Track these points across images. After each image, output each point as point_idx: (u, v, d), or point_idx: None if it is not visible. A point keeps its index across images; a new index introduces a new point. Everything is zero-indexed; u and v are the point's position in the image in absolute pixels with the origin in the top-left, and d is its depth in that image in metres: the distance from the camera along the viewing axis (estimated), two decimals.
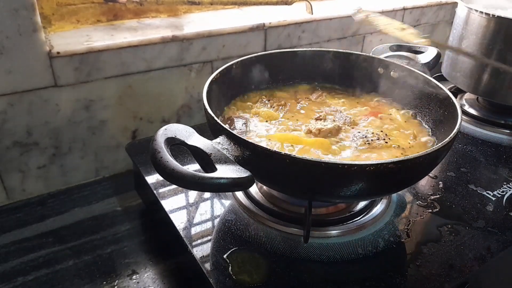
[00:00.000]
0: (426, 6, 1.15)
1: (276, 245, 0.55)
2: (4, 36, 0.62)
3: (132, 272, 0.60)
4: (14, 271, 0.60)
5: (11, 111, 0.67)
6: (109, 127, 0.77)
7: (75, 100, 0.72)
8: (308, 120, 0.66)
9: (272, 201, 0.61)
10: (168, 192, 0.64)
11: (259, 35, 0.88)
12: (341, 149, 0.59)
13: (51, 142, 0.73)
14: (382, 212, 0.61)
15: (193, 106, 0.86)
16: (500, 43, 0.79)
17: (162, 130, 0.47)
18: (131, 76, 0.76)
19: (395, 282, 0.51)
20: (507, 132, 0.84)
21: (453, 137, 0.51)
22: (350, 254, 0.54)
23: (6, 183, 0.71)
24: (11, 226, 0.68)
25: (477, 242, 0.57)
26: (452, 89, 0.95)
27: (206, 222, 0.59)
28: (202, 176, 0.42)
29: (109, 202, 0.74)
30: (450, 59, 0.91)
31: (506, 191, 0.68)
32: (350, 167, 0.44)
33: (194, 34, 0.79)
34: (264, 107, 0.68)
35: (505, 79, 0.81)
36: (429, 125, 0.66)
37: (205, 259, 0.53)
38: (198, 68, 0.83)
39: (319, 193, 0.50)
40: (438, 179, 0.70)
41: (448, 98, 0.61)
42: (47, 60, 0.66)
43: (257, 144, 0.46)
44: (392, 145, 0.61)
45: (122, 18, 0.82)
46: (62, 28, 0.76)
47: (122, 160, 0.81)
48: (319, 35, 0.97)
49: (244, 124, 0.63)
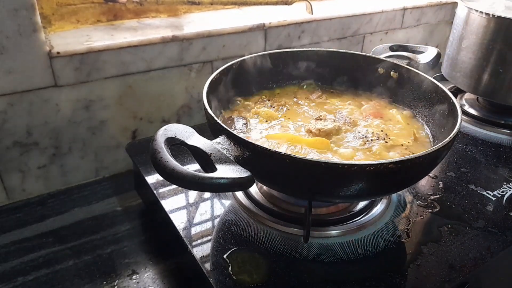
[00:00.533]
0: (426, 6, 1.15)
1: (276, 245, 0.55)
2: (4, 36, 0.62)
3: (132, 272, 0.60)
4: (14, 271, 0.60)
5: (11, 111, 0.67)
6: (109, 127, 0.77)
7: (75, 100, 0.72)
8: (308, 120, 0.66)
9: (272, 201, 0.61)
10: (168, 192, 0.64)
11: (259, 35, 0.88)
12: (341, 149, 0.59)
13: (51, 142, 0.73)
14: (382, 212, 0.61)
15: (193, 106, 0.86)
16: (500, 43, 0.79)
17: (162, 130, 0.47)
18: (131, 76, 0.76)
19: (395, 282, 0.51)
20: (507, 132, 0.84)
21: (453, 137, 0.51)
22: (350, 254, 0.54)
23: (6, 183, 0.71)
24: (11, 226, 0.68)
25: (477, 242, 0.57)
26: (452, 89, 0.95)
27: (206, 222, 0.59)
28: (202, 176, 0.42)
29: (109, 202, 0.74)
30: (450, 59, 0.91)
31: (506, 191, 0.68)
32: (350, 167, 0.44)
33: (194, 34, 0.79)
34: (264, 107, 0.68)
35: (505, 79, 0.81)
36: (429, 125, 0.66)
37: (205, 259, 0.53)
38: (198, 68, 0.83)
39: (319, 193, 0.50)
40: (438, 179, 0.70)
41: (448, 98, 0.61)
42: (47, 60, 0.66)
43: (257, 144, 0.46)
44: (392, 145, 0.61)
45: (122, 18, 0.82)
46: (62, 28, 0.76)
47: (122, 160, 0.81)
48: (319, 35, 0.97)
49: (244, 124, 0.63)
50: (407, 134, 0.64)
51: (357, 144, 0.60)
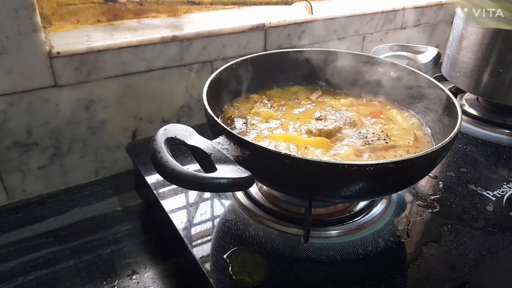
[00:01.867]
0: (426, 6, 1.15)
1: (276, 245, 0.55)
2: (4, 36, 0.62)
3: (132, 272, 0.60)
4: (14, 271, 0.60)
5: (11, 111, 0.67)
6: (109, 127, 0.77)
7: (75, 100, 0.72)
8: (309, 120, 0.66)
9: (272, 201, 0.61)
10: (168, 192, 0.64)
11: (259, 35, 0.88)
12: (342, 149, 0.59)
13: (51, 142, 0.73)
14: (382, 212, 0.61)
15: (193, 106, 0.86)
16: (500, 43, 0.79)
17: (162, 130, 0.47)
18: (131, 76, 0.76)
19: (395, 282, 0.51)
20: (507, 132, 0.84)
21: (453, 137, 0.51)
22: (350, 254, 0.54)
23: (6, 183, 0.71)
24: (11, 226, 0.68)
25: (477, 242, 0.57)
26: (452, 89, 0.96)
27: (206, 222, 0.59)
28: (202, 176, 0.42)
29: (109, 202, 0.74)
30: (450, 59, 0.91)
31: (506, 191, 0.68)
32: (350, 167, 0.44)
33: (194, 34, 0.79)
34: (264, 107, 0.68)
35: (505, 79, 0.81)
36: (429, 125, 0.66)
37: (205, 259, 0.53)
38: (198, 68, 0.83)
39: (319, 193, 0.50)
40: (438, 179, 0.70)
41: (448, 98, 0.61)
42: (47, 60, 0.66)
43: (257, 144, 0.46)
44: (393, 145, 0.61)
45: (122, 18, 0.82)
46: (62, 28, 0.76)
47: (122, 160, 0.81)
48: (319, 35, 0.97)
49: (244, 123, 0.63)
50: (407, 134, 0.64)
51: (357, 145, 0.60)
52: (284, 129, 0.63)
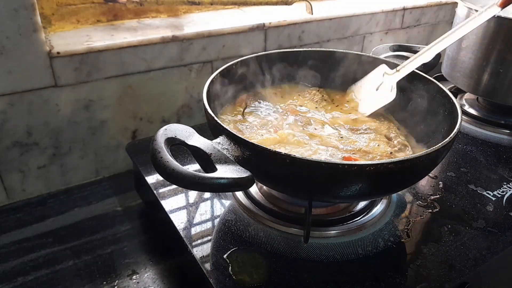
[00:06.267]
0: (426, 6, 1.15)
1: (276, 245, 0.55)
2: (4, 36, 0.62)
3: (132, 272, 0.60)
4: (14, 271, 0.60)
5: (11, 111, 0.67)
6: (109, 127, 0.77)
7: (75, 100, 0.72)
8: (309, 120, 0.66)
9: (272, 201, 0.61)
10: (168, 192, 0.65)
11: (259, 35, 0.88)
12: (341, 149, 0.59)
13: (51, 142, 0.73)
14: (382, 212, 0.61)
15: (193, 106, 0.86)
16: (500, 43, 0.79)
17: (162, 130, 0.47)
18: (131, 76, 0.76)
19: (395, 282, 0.51)
20: (507, 132, 0.84)
21: (453, 137, 0.51)
22: (350, 254, 0.54)
23: (6, 183, 0.71)
24: (11, 226, 0.68)
25: (477, 242, 0.57)
26: (452, 89, 0.95)
27: (206, 222, 0.59)
28: (202, 176, 0.42)
29: (109, 202, 0.74)
30: (450, 59, 0.90)
31: (506, 191, 0.68)
32: (350, 167, 0.44)
33: (194, 34, 0.79)
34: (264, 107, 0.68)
35: (505, 79, 0.81)
36: (429, 125, 0.66)
37: (205, 259, 0.53)
38: (198, 68, 0.83)
39: (319, 193, 0.50)
40: (438, 179, 0.70)
41: (448, 98, 0.61)
42: (47, 60, 0.66)
43: (257, 144, 0.46)
44: (393, 145, 0.61)
45: (122, 18, 0.82)
46: (62, 28, 0.76)
47: (122, 160, 0.81)
48: (319, 35, 0.97)
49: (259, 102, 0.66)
50: (407, 134, 0.64)
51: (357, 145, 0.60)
52: (284, 129, 0.63)
